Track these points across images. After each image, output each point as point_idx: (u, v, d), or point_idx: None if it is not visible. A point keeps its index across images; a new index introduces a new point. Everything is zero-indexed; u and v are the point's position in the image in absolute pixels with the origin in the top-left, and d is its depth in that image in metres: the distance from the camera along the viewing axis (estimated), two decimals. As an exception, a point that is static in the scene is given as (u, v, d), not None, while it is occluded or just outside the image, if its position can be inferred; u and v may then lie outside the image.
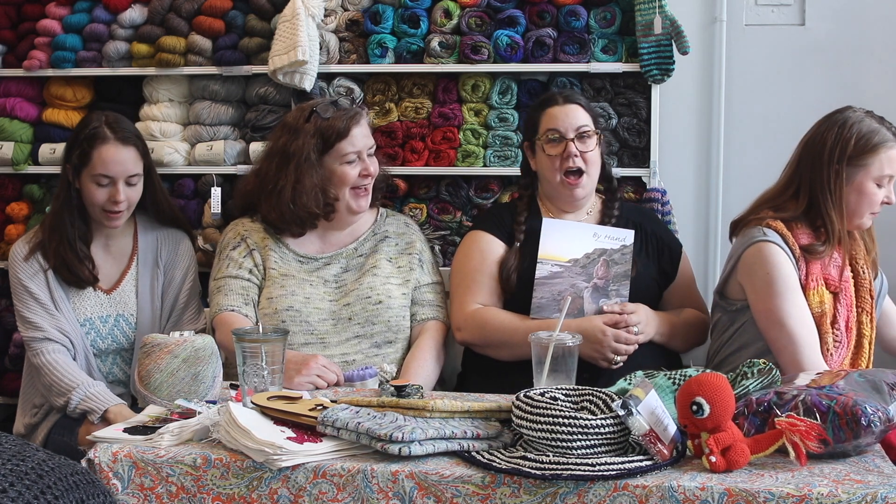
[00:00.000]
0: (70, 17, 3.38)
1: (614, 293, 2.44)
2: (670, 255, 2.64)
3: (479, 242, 2.60)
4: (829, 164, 2.35)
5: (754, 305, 2.36)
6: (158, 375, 2.01)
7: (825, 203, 2.36)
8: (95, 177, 2.59)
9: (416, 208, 3.29)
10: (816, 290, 2.34)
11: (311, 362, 2.27)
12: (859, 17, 3.30)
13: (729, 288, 2.46)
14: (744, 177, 3.35)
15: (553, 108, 2.59)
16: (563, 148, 2.53)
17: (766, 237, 2.34)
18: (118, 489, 1.72)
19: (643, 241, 2.58)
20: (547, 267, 2.45)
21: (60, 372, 2.51)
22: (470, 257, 2.59)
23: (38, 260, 2.62)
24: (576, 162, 2.52)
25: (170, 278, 2.74)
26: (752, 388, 1.84)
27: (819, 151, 2.38)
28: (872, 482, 1.57)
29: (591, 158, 2.55)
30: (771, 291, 2.31)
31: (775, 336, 2.30)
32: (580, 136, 2.54)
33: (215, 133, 3.35)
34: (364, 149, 2.55)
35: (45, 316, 2.58)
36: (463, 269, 2.59)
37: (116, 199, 2.60)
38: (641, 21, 3.11)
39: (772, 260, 2.32)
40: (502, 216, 2.66)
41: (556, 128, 2.55)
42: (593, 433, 1.63)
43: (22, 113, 3.41)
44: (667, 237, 2.69)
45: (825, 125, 2.42)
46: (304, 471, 1.67)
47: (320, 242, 2.61)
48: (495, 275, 2.54)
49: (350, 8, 3.31)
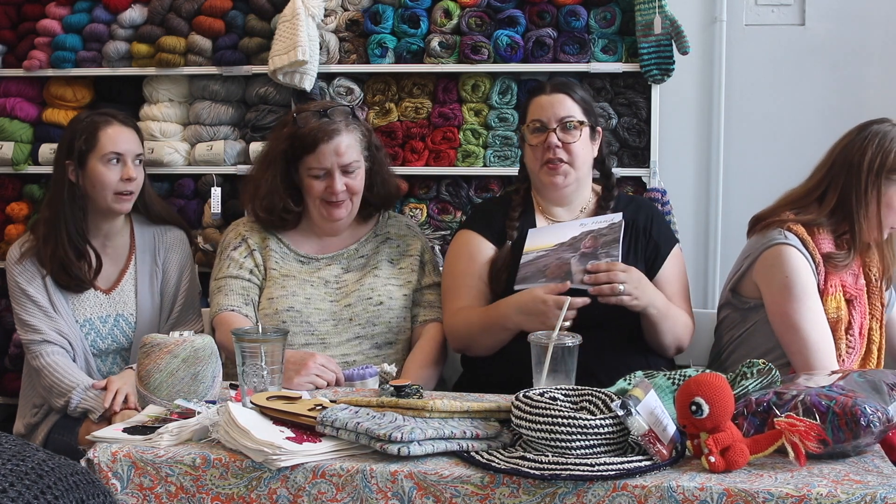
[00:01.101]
0: (70, 17, 3.38)
1: (604, 255, 2.26)
2: (656, 252, 2.48)
3: (468, 245, 2.53)
4: (868, 174, 2.34)
5: (770, 308, 2.35)
6: (158, 375, 2.01)
7: (858, 212, 2.34)
8: (106, 156, 2.60)
9: (416, 208, 3.29)
10: (834, 297, 2.34)
11: (310, 362, 2.27)
12: (859, 17, 3.30)
13: (743, 286, 2.45)
14: (744, 177, 3.35)
15: (540, 97, 2.49)
16: (544, 138, 2.43)
17: (787, 240, 2.33)
18: (117, 489, 1.72)
19: (632, 238, 2.46)
20: (532, 255, 2.34)
21: (60, 374, 2.51)
22: (458, 260, 2.53)
23: (36, 265, 2.61)
24: (556, 153, 2.41)
25: (167, 274, 2.74)
26: (751, 388, 1.83)
27: (857, 161, 2.35)
28: (872, 482, 1.57)
29: (574, 150, 2.43)
30: (788, 295, 2.30)
31: (790, 340, 2.30)
32: (563, 126, 2.43)
33: (215, 133, 3.35)
34: (334, 166, 2.46)
35: (43, 318, 2.58)
36: (452, 273, 2.54)
37: (130, 176, 2.61)
38: (641, 21, 3.11)
39: (791, 264, 2.31)
40: (493, 215, 2.56)
41: (539, 117, 2.45)
42: (592, 433, 1.63)
43: (22, 113, 3.42)
44: (658, 233, 2.52)
45: (865, 135, 2.38)
46: (303, 471, 1.67)
47: (321, 243, 2.61)
48: (485, 276, 2.48)
49: (350, 8, 3.31)
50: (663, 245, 2.50)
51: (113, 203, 2.62)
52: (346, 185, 2.48)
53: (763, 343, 2.39)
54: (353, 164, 2.49)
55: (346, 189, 2.49)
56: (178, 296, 2.75)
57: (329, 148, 2.45)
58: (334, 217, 2.52)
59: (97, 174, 2.60)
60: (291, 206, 2.54)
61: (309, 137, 2.45)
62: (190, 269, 2.79)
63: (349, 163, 2.48)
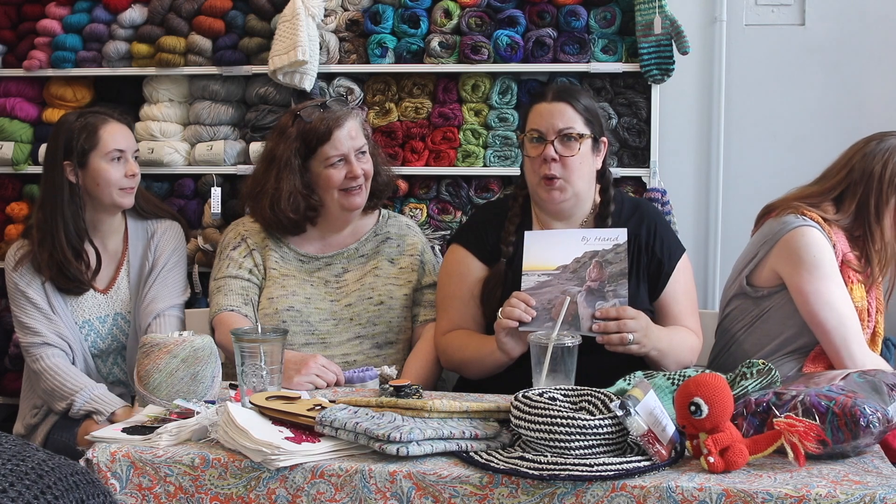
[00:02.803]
0: (70, 17, 3.38)
1: (611, 294, 2.18)
2: (659, 270, 2.38)
3: (458, 265, 2.44)
4: (889, 187, 2.39)
5: (799, 288, 2.34)
6: (157, 375, 2.01)
7: (874, 221, 2.39)
8: (109, 154, 2.61)
9: (416, 208, 3.29)
10: (858, 285, 2.39)
11: (311, 362, 2.27)
12: (859, 17, 3.30)
13: (758, 274, 2.44)
14: (744, 176, 3.35)
15: (541, 104, 2.36)
16: (542, 150, 2.31)
17: (806, 222, 2.37)
18: (116, 489, 1.72)
19: (635, 255, 2.35)
20: (533, 278, 2.20)
21: (61, 377, 2.51)
22: (449, 280, 2.46)
23: (32, 271, 2.61)
24: (552, 167, 2.29)
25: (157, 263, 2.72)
26: (750, 388, 1.83)
27: (879, 172, 2.39)
28: (871, 483, 1.57)
29: (571, 164, 2.30)
30: (819, 273, 2.32)
31: (825, 317, 2.31)
32: (562, 138, 2.30)
33: (215, 133, 3.35)
34: (350, 150, 2.49)
35: (42, 321, 2.58)
36: (442, 291, 2.48)
37: (134, 171, 2.64)
38: (641, 21, 3.11)
39: (818, 244, 2.34)
40: (485, 231, 2.44)
41: (538, 127, 2.33)
42: (591, 433, 1.63)
43: (22, 113, 3.42)
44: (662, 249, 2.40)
45: (887, 147, 2.41)
46: (301, 471, 1.67)
47: (321, 242, 2.61)
48: (476, 296, 2.38)
49: (350, 8, 3.31)
50: (667, 261, 2.39)
51: (118, 198, 2.63)
52: (362, 170, 2.51)
53: (776, 330, 2.40)
54: (364, 146, 2.53)
55: (363, 173, 2.52)
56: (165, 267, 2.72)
57: (343, 133, 2.48)
58: (354, 205, 2.53)
59: (101, 172, 2.60)
60: (315, 202, 2.52)
61: (322, 127, 2.47)
62: (182, 261, 2.77)
63: (361, 145, 2.52)
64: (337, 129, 2.47)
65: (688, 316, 2.39)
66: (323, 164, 2.48)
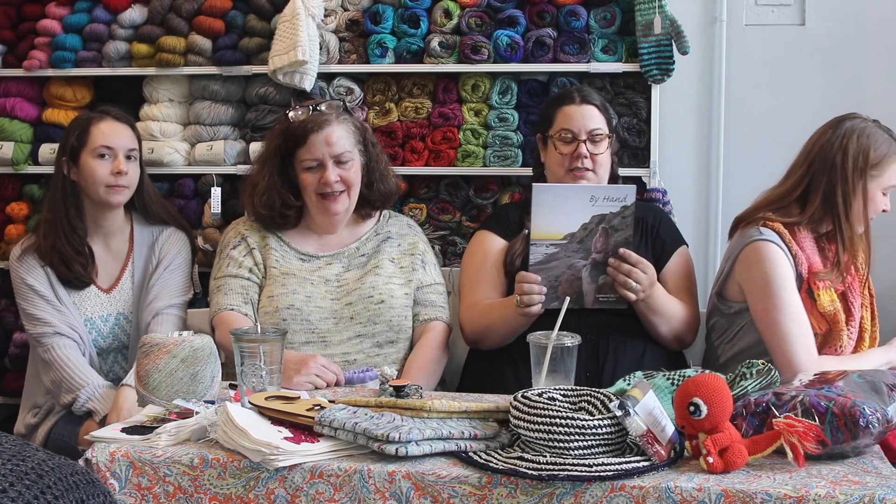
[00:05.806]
0: (70, 17, 3.38)
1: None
2: (662, 248, 2.59)
3: (483, 242, 2.64)
4: (854, 172, 2.33)
5: (753, 306, 2.36)
6: (157, 375, 2.01)
7: (844, 210, 2.34)
8: (96, 150, 2.63)
9: (416, 208, 3.29)
10: (826, 290, 2.34)
11: (311, 362, 2.27)
12: (859, 17, 3.30)
13: (727, 289, 2.46)
14: (744, 177, 3.35)
15: (569, 106, 2.61)
16: (574, 148, 2.57)
17: (763, 235, 2.35)
18: (115, 489, 1.72)
19: (641, 235, 2.56)
20: (541, 249, 2.30)
21: (71, 369, 2.52)
22: (473, 257, 2.64)
23: (37, 259, 2.63)
24: (584, 163, 2.56)
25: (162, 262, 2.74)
26: (750, 388, 1.83)
27: (840, 160, 2.34)
28: (870, 483, 1.57)
29: (600, 161, 2.58)
30: (768, 290, 2.31)
31: (770, 335, 2.30)
32: (592, 138, 2.57)
33: (215, 133, 3.35)
34: (326, 156, 2.48)
35: (51, 311, 2.60)
36: (467, 269, 2.65)
37: (120, 169, 2.63)
38: (641, 21, 3.11)
39: (770, 259, 2.32)
40: (508, 214, 2.69)
41: (570, 128, 2.58)
42: (591, 434, 1.63)
43: (22, 113, 3.41)
44: (667, 232, 2.64)
45: (841, 133, 2.37)
46: (300, 471, 1.67)
47: (320, 242, 2.61)
48: (500, 267, 2.57)
49: (350, 8, 3.31)
50: (670, 243, 2.62)
51: (105, 196, 2.64)
52: (340, 177, 2.51)
53: (752, 346, 2.39)
54: (345, 155, 2.51)
55: (341, 181, 2.51)
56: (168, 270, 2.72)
57: (319, 138, 2.48)
58: (331, 211, 2.53)
59: (89, 169, 2.63)
60: (291, 201, 2.55)
61: (299, 130, 2.49)
62: (186, 265, 2.78)
63: (341, 153, 2.50)
64: (313, 134, 2.48)
65: (685, 293, 2.57)
66: (300, 166, 2.51)
